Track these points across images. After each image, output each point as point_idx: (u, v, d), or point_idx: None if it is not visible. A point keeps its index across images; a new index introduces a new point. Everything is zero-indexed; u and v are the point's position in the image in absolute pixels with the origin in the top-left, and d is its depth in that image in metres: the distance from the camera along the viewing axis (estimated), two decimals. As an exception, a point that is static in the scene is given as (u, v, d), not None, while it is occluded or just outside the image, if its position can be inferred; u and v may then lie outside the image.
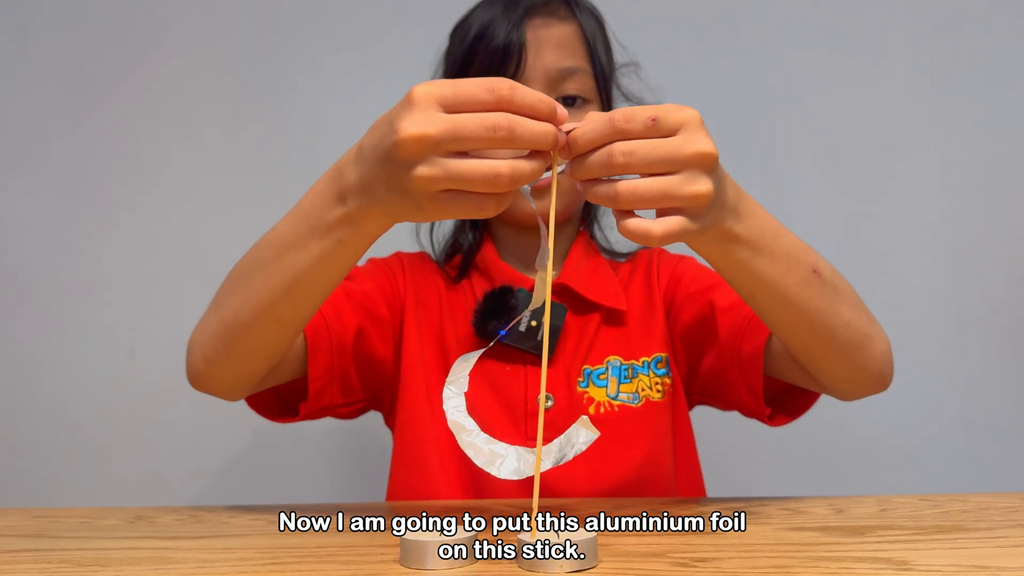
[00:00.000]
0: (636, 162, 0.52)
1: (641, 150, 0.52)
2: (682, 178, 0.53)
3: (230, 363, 0.70)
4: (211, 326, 0.69)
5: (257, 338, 0.67)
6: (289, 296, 0.64)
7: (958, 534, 0.56)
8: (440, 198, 0.52)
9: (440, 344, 0.86)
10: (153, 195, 1.26)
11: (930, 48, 1.23)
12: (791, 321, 0.66)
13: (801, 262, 0.63)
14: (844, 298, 0.67)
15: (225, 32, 1.27)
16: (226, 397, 0.74)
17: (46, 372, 1.24)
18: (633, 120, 0.52)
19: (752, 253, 0.60)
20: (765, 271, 0.61)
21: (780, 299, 0.63)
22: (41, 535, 0.63)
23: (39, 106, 1.27)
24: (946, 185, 1.22)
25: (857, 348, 0.68)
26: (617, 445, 0.81)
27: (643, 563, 0.50)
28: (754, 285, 0.63)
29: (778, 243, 0.62)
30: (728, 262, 0.61)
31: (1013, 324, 1.20)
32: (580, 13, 0.85)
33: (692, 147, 0.53)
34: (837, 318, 0.66)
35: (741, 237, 0.59)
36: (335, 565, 0.52)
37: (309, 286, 0.63)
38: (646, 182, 0.53)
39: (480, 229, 0.91)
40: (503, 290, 0.83)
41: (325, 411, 0.83)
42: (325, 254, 0.60)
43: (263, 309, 0.65)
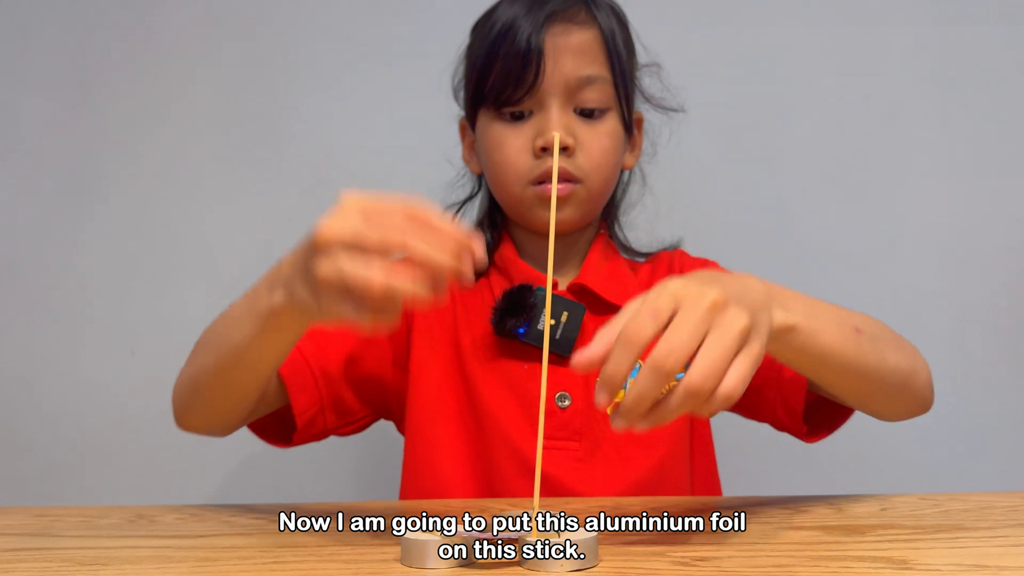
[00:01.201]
0: (677, 358, 0.49)
1: (674, 345, 0.50)
2: (719, 333, 0.50)
3: (202, 414, 0.76)
4: (183, 380, 0.76)
5: (218, 395, 0.73)
6: (238, 366, 0.68)
7: (958, 533, 0.56)
8: (330, 295, 0.52)
9: (454, 346, 0.86)
10: (154, 194, 1.25)
11: (933, 48, 1.23)
12: (849, 382, 0.68)
13: (845, 324, 0.64)
14: (886, 344, 0.68)
15: (227, 31, 1.26)
16: (213, 435, 0.79)
17: (47, 371, 1.24)
18: (643, 329, 0.50)
19: (809, 335, 0.60)
20: (825, 346, 0.62)
21: (842, 369, 0.65)
22: (42, 534, 0.63)
23: (40, 105, 1.26)
24: (948, 184, 1.22)
25: (905, 386, 0.71)
26: (634, 446, 0.81)
27: (643, 562, 0.50)
28: (820, 365, 0.64)
29: (823, 315, 0.63)
30: (793, 354, 0.62)
31: (1014, 323, 1.20)
32: (600, 16, 0.84)
33: (700, 308, 0.50)
34: (885, 366, 0.68)
35: (796, 326, 0.59)
36: (336, 564, 0.52)
37: (245, 362, 0.68)
38: (705, 360, 0.50)
39: (499, 229, 0.91)
40: (522, 288, 0.83)
41: (325, 434, 0.84)
42: (257, 338, 0.64)
43: (218, 373, 0.70)
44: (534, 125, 0.82)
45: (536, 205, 0.83)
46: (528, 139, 0.82)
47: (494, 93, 0.82)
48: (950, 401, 1.21)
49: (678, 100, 0.94)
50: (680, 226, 1.01)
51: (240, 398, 0.74)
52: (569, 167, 0.81)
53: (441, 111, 0.95)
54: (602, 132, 0.83)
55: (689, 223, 1.06)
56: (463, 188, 0.97)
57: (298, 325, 0.63)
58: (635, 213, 0.98)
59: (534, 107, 0.82)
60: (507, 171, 0.83)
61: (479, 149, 0.88)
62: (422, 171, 1.05)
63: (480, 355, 0.84)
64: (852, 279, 1.19)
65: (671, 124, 0.96)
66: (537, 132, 0.81)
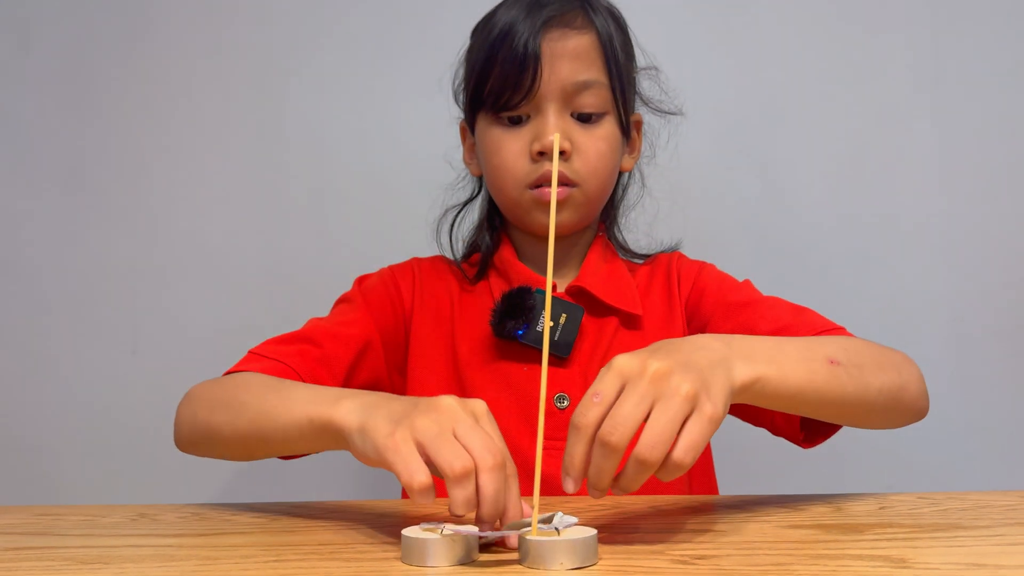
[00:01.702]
0: (622, 431, 0.51)
1: (620, 420, 0.51)
2: (663, 402, 0.51)
3: (208, 454, 0.77)
4: (194, 424, 0.75)
5: (230, 452, 0.74)
6: (260, 442, 0.69)
7: (956, 532, 0.56)
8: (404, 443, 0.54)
9: (451, 349, 0.86)
10: (155, 193, 1.26)
11: (931, 49, 1.23)
12: (833, 412, 0.68)
13: (816, 359, 0.64)
14: (867, 368, 0.68)
15: (227, 31, 1.27)
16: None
17: (49, 370, 1.24)
18: (587, 414, 0.52)
19: (778, 381, 0.60)
20: (798, 387, 0.62)
21: (820, 402, 0.65)
22: (44, 533, 0.64)
23: (41, 104, 1.27)
24: (944, 185, 1.22)
25: (894, 403, 0.70)
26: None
27: (643, 560, 0.50)
28: (798, 404, 0.64)
29: (788, 354, 0.62)
30: (768, 401, 0.62)
31: (1011, 324, 1.20)
32: (598, 20, 0.84)
33: (643, 382, 0.52)
34: (869, 391, 0.67)
35: (761, 376, 0.59)
36: (337, 563, 0.52)
37: (275, 443, 0.68)
38: (650, 431, 0.51)
39: (498, 231, 0.91)
40: (521, 290, 0.83)
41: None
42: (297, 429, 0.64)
43: (237, 439, 0.70)
44: (531, 129, 0.82)
45: (533, 208, 0.83)
46: (526, 143, 0.82)
47: (492, 97, 0.82)
48: (948, 401, 1.21)
49: (676, 103, 0.94)
50: (678, 228, 1.01)
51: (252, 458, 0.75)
52: (566, 171, 0.82)
53: (442, 113, 0.96)
54: (599, 136, 0.83)
55: (687, 225, 1.06)
56: (463, 190, 0.98)
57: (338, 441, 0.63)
58: (634, 215, 0.98)
59: (531, 111, 0.82)
60: (505, 175, 0.84)
61: (478, 152, 0.88)
62: (423, 173, 1.05)
63: (479, 357, 0.85)
64: (850, 280, 1.20)
65: (669, 127, 0.96)
66: (534, 136, 0.82)
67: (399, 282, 0.90)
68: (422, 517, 0.66)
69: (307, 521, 0.65)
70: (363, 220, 1.23)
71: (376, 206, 1.23)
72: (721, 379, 0.55)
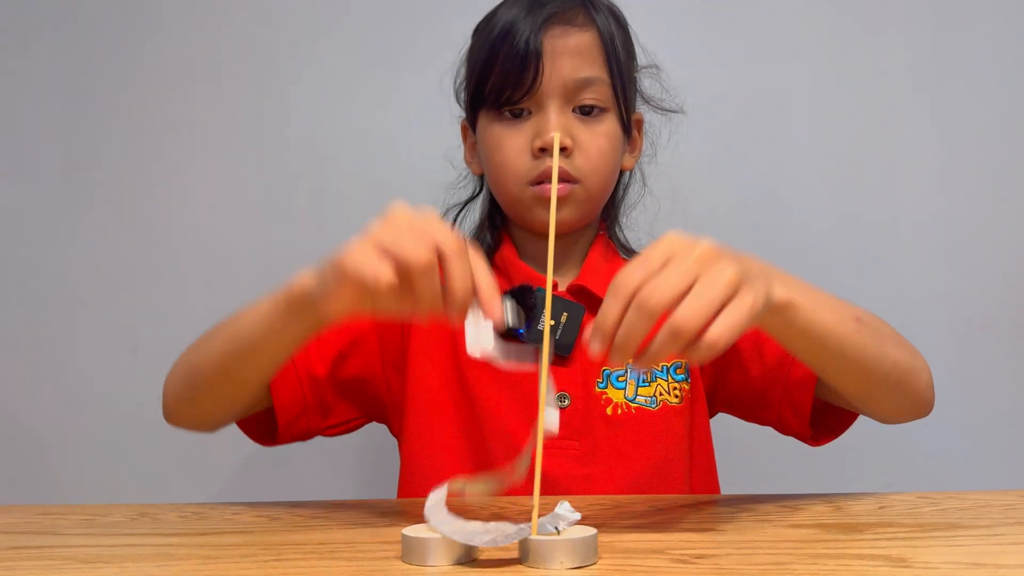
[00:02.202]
0: (663, 296, 0.52)
1: (660, 284, 0.52)
2: (707, 279, 0.53)
3: (193, 408, 0.77)
4: (179, 372, 0.77)
5: (212, 391, 0.74)
6: (236, 355, 0.70)
7: (956, 532, 0.56)
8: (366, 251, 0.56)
9: (452, 347, 0.86)
10: (155, 193, 1.26)
11: (931, 48, 1.23)
12: (851, 373, 0.68)
13: (845, 311, 0.65)
14: (887, 338, 0.69)
15: (228, 31, 1.27)
16: (199, 432, 0.80)
17: (48, 370, 1.24)
18: (634, 273, 0.53)
19: (809, 314, 0.61)
20: (825, 328, 0.63)
21: (842, 355, 0.65)
22: (45, 532, 0.64)
23: (41, 104, 1.27)
24: (945, 185, 1.22)
25: (905, 384, 0.71)
26: (633, 447, 0.81)
27: (642, 560, 0.50)
28: (820, 348, 0.64)
29: (823, 298, 0.64)
30: (794, 332, 0.62)
31: (1011, 323, 1.20)
32: (599, 18, 0.84)
33: (692, 256, 0.53)
34: (886, 359, 0.68)
35: (795, 301, 0.60)
36: (337, 562, 0.52)
37: (252, 350, 0.69)
38: (690, 302, 0.52)
39: (499, 230, 0.92)
40: (522, 288, 0.83)
41: (310, 434, 0.84)
42: (272, 324, 0.66)
43: (215, 365, 0.72)
44: (533, 126, 0.82)
45: (535, 205, 0.83)
46: (527, 140, 0.82)
47: (494, 95, 0.82)
48: (948, 400, 1.20)
49: (677, 101, 0.94)
50: (679, 226, 1.00)
51: (240, 393, 0.74)
52: (567, 168, 0.82)
53: (443, 113, 0.96)
54: (600, 133, 0.83)
55: (689, 224, 1.05)
56: (464, 189, 0.98)
57: (304, 312, 0.63)
58: (635, 214, 0.98)
59: (533, 108, 0.83)
60: (506, 172, 0.84)
61: (479, 150, 0.89)
62: (424, 172, 1.05)
63: None
64: (851, 280, 1.19)
65: (670, 125, 0.96)
66: (536, 133, 0.82)
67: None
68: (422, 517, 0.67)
69: (307, 521, 0.65)
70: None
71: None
72: (762, 287, 0.56)
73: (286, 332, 0.67)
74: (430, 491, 0.82)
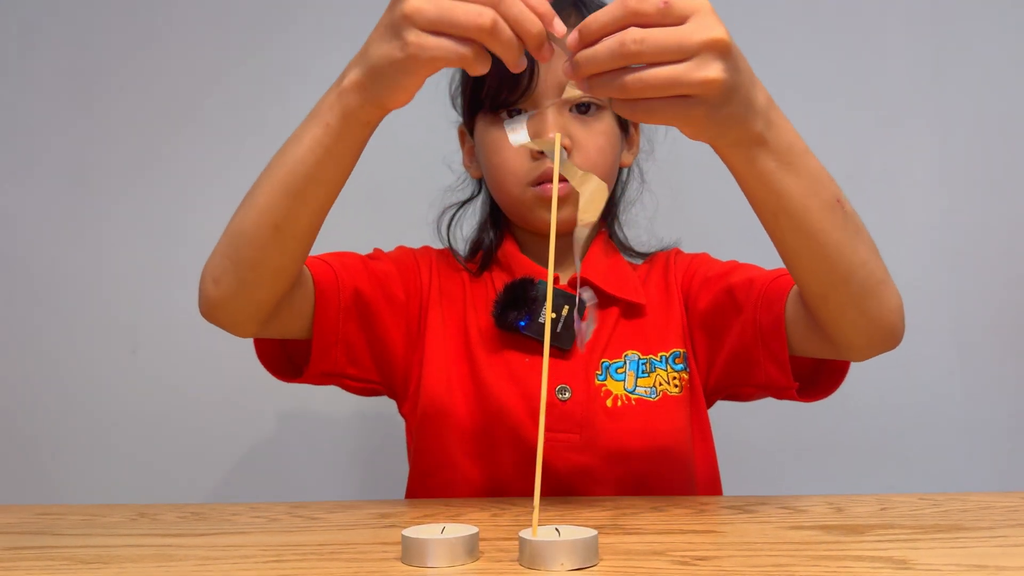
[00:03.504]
0: (648, 49, 0.53)
1: (652, 36, 0.53)
2: (692, 64, 0.54)
3: (236, 284, 0.70)
4: (220, 246, 0.71)
5: (259, 251, 0.68)
6: (285, 195, 0.66)
7: (958, 533, 0.56)
8: (424, 37, 0.55)
9: (463, 333, 0.86)
10: (156, 192, 1.26)
11: (932, 48, 1.23)
12: (810, 250, 0.65)
13: (826, 187, 0.64)
14: (863, 238, 0.67)
15: (229, 29, 1.27)
16: (236, 328, 0.74)
17: (49, 369, 1.24)
18: (646, 2, 0.53)
19: (779, 166, 0.60)
20: (791, 188, 0.61)
21: (802, 222, 0.63)
22: (44, 532, 0.64)
23: (42, 103, 1.27)
24: (945, 184, 1.22)
25: (872, 294, 0.68)
26: (634, 439, 0.81)
27: (643, 561, 0.50)
28: (778, 204, 0.63)
29: (805, 161, 0.62)
30: (754, 173, 0.61)
31: (1012, 323, 1.20)
32: None
33: (703, 33, 0.54)
34: (856, 256, 0.66)
35: (769, 144, 0.60)
36: (337, 563, 0.52)
37: (303, 183, 0.66)
38: (655, 70, 0.53)
39: (501, 229, 0.92)
40: (524, 281, 0.83)
41: (331, 377, 0.82)
42: (317, 143, 0.64)
43: (263, 216, 0.67)
44: (530, 127, 0.82)
45: (536, 206, 0.84)
46: None
47: (490, 97, 0.83)
48: (949, 401, 1.21)
49: None
50: (679, 223, 1.01)
51: (281, 253, 0.70)
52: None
53: (441, 116, 0.96)
54: (598, 131, 0.83)
55: (688, 220, 1.06)
56: (463, 192, 0.98)
57: (364, 113, 0.63)
58: (634, 211, 0.98)
59: (529, 108, 0.83)
60: (506, 174, 0.84)
61: (478, 154, 0.89)
62: (422, 176, 1.05)
63: (484, 347, 0.85)
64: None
65: None
66: (534, 134, 0.82)
67: (419, 260, 0.90)
68: (422, 517, 0.67)
69: (307, 521, 0.65)
70: (362, 223, 1.22)
71: (375, 209, 1.23)
72: (742, 113, 0.58)
73: (344, 147, 0.66)
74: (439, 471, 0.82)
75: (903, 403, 1.20)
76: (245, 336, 0.76)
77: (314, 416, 1.24)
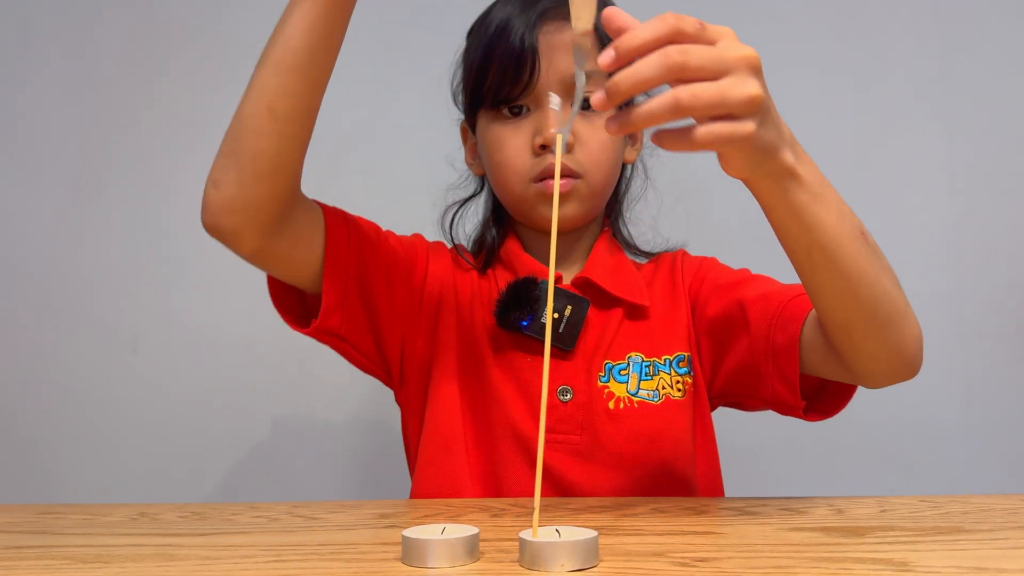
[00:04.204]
0: (692, 61, 0.53)
1: (694, 50, 0.53)
2: (732, 80, 0.54)
3: (236, 180, 0.70)
4: (220, 147, 0.71)
5: (255, 137, 0.69)
6: (276, 74, 0.67)
7: (958, 535, 0.56)
8: None
9: (470, 329, 0.86)
10: (156, 191, 1.26)
11: (934, 51, 1.23)
12: (840, 284, 0.64)
13: (850, 219, 0.64)
14: (885, 268, 0.67)
15: (230, 31, 1.27)
16: (237, 238, 0.72)
17: (49, 368, 1.24)
18: (685, 20, 0.54)
19: (811, 198, 0.60)
20: (822, 220, 0.61)
21: (834, 256, 0.63)
22: (44, 531, 0.64)
23: (42, 102, 1.27)
24: (949, 188, 1.22)
25: (894, 324, 0.67)
26: (636, 442, 0.81)
27: (644, 563, 0.50)
28: (811, 239, 0.62)
29: (831, 194, 0.62)
30: (789, 207, 0.61)
31: (1014, 326, 1.20)
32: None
33: (737, 51, 0.54)
34: (879, 286, 0.65)
35: (801, 176, 0.59)
36: (337, 563, 0.52)
37: (291, 59, 0.67)
38: (702, 84, 0.53)
39: (504, 227, 0.91)
40: (526, 281, 0.83)
41: (332, 336, 0.80)
42: (302, 19, 0.65)
43: (256, 100, 0.68)
44: (532, 123, 0.82)
45: (538, 202, 0.83)
46: (527, 138, 0.82)
47: (492, 93, 0.82)
48: (951, 403, 1.21)
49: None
50: (683, 220, 1.01)
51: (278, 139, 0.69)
52: (569, 163, 0.82)
53: (442, 114, 0.96)
54: (600, 127, 0.83)
55: (692, 218, 1.05)
56: (465, 190, 0.98)
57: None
58: (638, 208, 0.98)
59: (531, 104, 0.83)
60: (508, 170, 0.84)
61: (480, 151, 0.89)
62: (424, 174, 1.05)
63: (488, 346, 0.85)
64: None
65: None
66: (536, 130, 0.82)
67: (431, 251, 0.90)
68: (422, 518, 0.66)
69: (307, 521, 0.65)
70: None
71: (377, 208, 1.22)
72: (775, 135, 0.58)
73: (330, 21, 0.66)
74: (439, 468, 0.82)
75: (904, 405, 1.20)
76: (248, 250, 0.73)
77: (315, 416, 1.24)
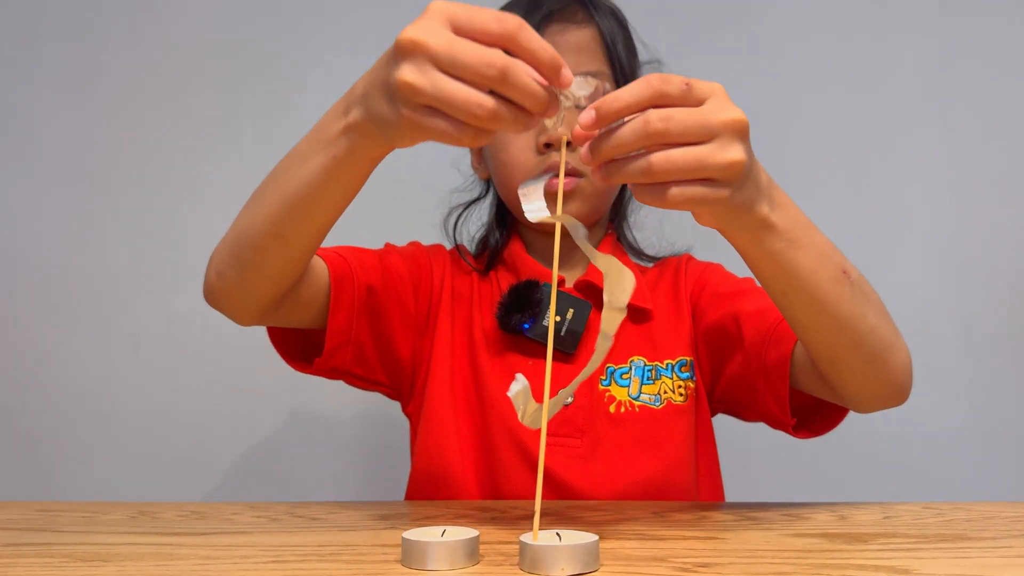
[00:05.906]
0: (674, 128, 0.52)
1: (677, 116, 0.52)
2: (715, 146, 0.53)
3: (238, 280, 0.70)
4: (226, 241, 0.71)
5: (262, 255, 0.67)
6: (290, 211, 0.64)
7: (961, 543, 0.56)
8: (420, 111, 0.52)
9: (468, 334, 0.86)
10: (158, 190, 1.26)
11: (937, 53, 1.23)
12: (820, 323, 0.65)
13: (832, 260, 0.63)
14: (871, 303, 0.66)
15: (233, 29, 1.27)
16: (237, 318, 0.73)
17: (50, 367, 1.24)
18: (670, 83, 0.52)
19: (786, 245, 0.60)
20: (799, 265, 0.61)
21: (812, 298, 0.62)
22: (44, 529, 0.64)
23: (44, 101, 1.27)
24: (953, 191, 1.22)
25: (880, 357, 0.67)
26: (637, 446, 0.81)
27: (644, 567, 0.50)
28: (787, 282, 0.62)
29: (810, 237, 0.61)
30: (762, 254, 0.60)
31: (1019, 332, 1.20)
32: (599, 15, 0.84)
33: (724, 114, 0.53)
34: (864, 323, 0.65)
35: (776, 226, 0.59)
36: (337, 564, 0.52)
37: (309, 204, 0.64)
38: (681, 150, 0.52)
39: (508, 228, 0.91)
40: (528, 284, 0.83)
41: (338, 373, 0.81)
42: (324, 170, 0.61)
43: (267, 223, 0.66)
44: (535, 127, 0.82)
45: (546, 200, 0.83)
46: (531, 137, 0.82)
47: None
48: (955, 410, 1.21)
49: None
50: (687, 225, 1.00)
51: (285, 261, 0.69)
52: (572, 161, 0.81)
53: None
54: None
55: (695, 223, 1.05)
56: (471, 194, 0.98)
57: (369, 146, 0.59)
58: (644, 212, 0.98)
59: None
60: (512, 169, 0.84)
61: (485, 151, 0.89)
62: (430, 177, 1.05)
63: (489, 348, 0.85)
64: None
65: None
66: (540, 129, 0.82)
67: (432, 259, 0.90)
68: (423, 519, 0.66)
69: (307, 521, 0.65)
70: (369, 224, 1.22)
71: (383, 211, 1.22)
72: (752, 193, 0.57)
73: (339, 177, 0.62)
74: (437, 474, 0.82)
75: (908, 411, 1.19)
76: (247, 325, 0.74)
77: (315, 416, 1.24)
